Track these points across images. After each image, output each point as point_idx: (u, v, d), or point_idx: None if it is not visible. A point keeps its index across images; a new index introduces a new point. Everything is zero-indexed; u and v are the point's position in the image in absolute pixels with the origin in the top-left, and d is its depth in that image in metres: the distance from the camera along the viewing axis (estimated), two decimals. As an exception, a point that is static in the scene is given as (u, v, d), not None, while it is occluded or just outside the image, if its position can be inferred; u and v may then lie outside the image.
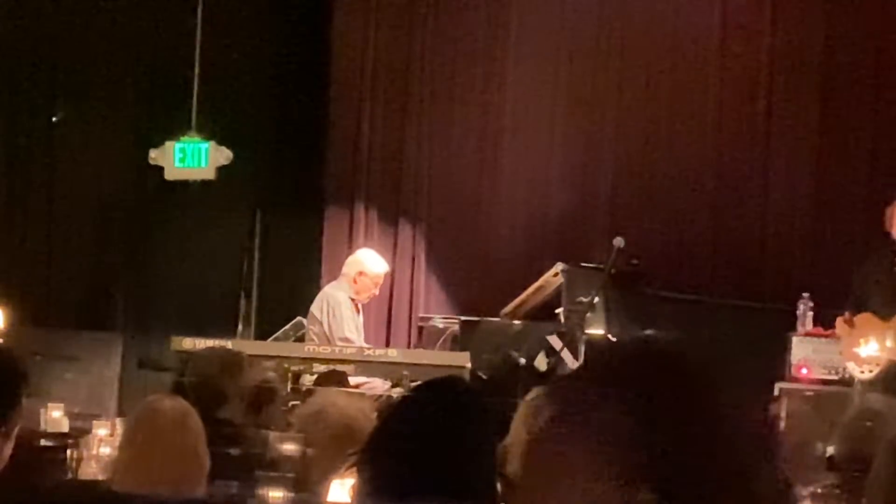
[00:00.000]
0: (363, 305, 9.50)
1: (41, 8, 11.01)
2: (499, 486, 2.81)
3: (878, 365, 7.79)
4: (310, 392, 7.37)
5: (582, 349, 8.45)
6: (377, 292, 9.48)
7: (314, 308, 9.17)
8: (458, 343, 9.60)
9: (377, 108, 11.20)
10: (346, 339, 9.00)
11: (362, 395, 7.49)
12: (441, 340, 9.90)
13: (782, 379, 8.60)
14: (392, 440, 2.69)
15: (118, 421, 6.01)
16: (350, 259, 9.48)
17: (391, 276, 10.86)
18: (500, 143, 10.91)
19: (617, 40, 10.68)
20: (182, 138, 10.30)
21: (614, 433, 1.24)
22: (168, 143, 10.31)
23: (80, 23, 10.95)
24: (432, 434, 2.68)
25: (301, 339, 9.28)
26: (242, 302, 10.96)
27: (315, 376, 8.21)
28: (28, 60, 11.09)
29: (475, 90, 11.02)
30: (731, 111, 10.42)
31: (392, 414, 2.79)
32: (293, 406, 6.39)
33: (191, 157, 10.26)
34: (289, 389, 7.73)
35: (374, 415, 4.50)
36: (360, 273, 9.25)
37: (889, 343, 7.76)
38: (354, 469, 2.68)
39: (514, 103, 10.88)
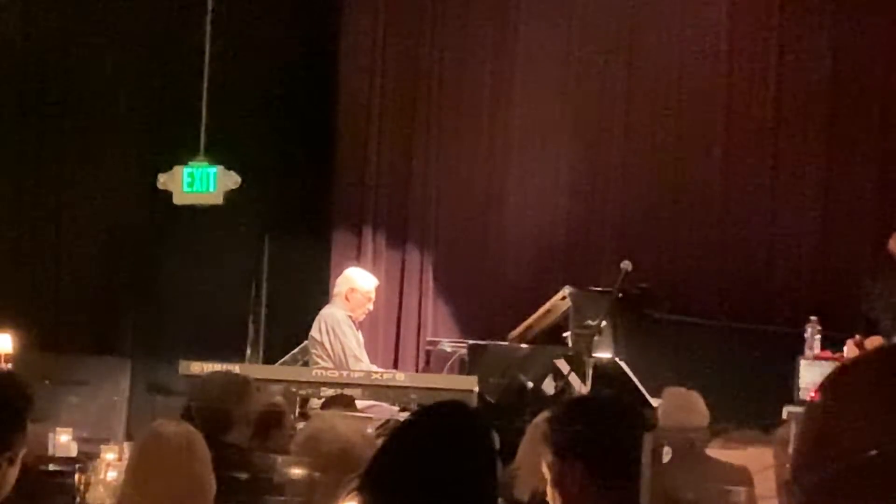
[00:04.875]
0: (367, 328, 9.51)
1: (49, 32, 11.06)
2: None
3: (887, 388, 7.77)
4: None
5: (589, 373, 8.43)
6: (371, 308, 9.48)
7: (313, 331, 9.19)
8: (465, 367, 9.60)
9: (384, 133, 11.22)
10: (356, 357, 9.03)
11: (363, 418, 7.48)
12: (449, 364, 9.90)
13: (790, 403, 8.56)
14: (392, 465, 2.68)
15: (126, 445, 6.01)
16: (339, 279, 9.51)
17: (399, 300, 10.87)
18: (508, 167, 10.92)
19: (624, 64, 10.70)
20: (190, 163, 10.32)
21: None
22: (176, 168, 10.33)
23: (89, 48, 10.99)
24: (433, 459, 2.67)
25: (308, 364, 9.28)
26: (251, 326, 10.96)
27: (322, 400, 8.21)
28: (37, 85, 11.14)
29: (483, 115, 11.04)
30: (738, 134, 10.42)
31: (392, 438, 2.78)
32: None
33: (199, 182, 10.28)
34: (296, 414, 7.73)
35: (376, 438, 4.49)
36: (352, 290, 9.28)
37: (898, 367, 7.73)
38: (355, 494, 2.67)
39: (521, 127, 10.90)
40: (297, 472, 4.67)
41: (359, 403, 8.42)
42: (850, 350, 8.04)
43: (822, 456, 1.25)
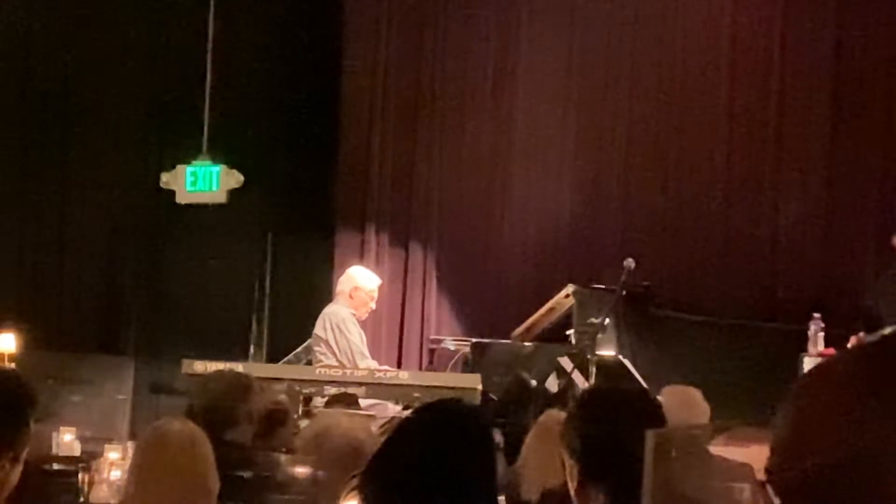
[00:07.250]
0: (370, 327, 9.51)
1: (52, 33, 11.07)
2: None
3: (890, 385, 7.75)
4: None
5: (593, 370, 8.44)
6: (374, 306, 9.50)
7: (317, 329, 9.20)
8: (469, 365, 9.60)
9: (387, 132, 11.23)
10: (363, 354, 9.04)
11: (367, 416, 7.48)
12: (452, 362, 9.90)
13: (794, 400, 8.58)
14: (394, 463, 2.68)
15: (130, 444, 6.01)
16: (342, 277, 9.52)
17: (402, 299, 10.88)
18: (511, 165, 10.93)
19: (626, 63, 10.70)
20: (193, 162, 10.33)
21: None
22: (179, 167, 10.35)
23: (92, 47, 11.00)
24: (433, 456, 2.67)
25: (312, 362, 9.29)
26: (254, 325, 10.97)
27: (326, 399, 8.22)
28: (40, 85, 11.15)
29: (485, 113, 11.04)
30: (741, 131, 10.42)
31: (393, 436, 2.78)
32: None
33: (202, 181, 10.29)
34: (300, 412, 7.73)
35: (380, 436, 4.48)
36: (355, 288, 9.29)
37: (901, 363, 7.72)
38: (357, 491, 2.68)
39: (524, 125, 10.90)
40: (300, 470, 4.67)
41: (362, 402, 8.42)
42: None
43: (796, 456, 1.25)
